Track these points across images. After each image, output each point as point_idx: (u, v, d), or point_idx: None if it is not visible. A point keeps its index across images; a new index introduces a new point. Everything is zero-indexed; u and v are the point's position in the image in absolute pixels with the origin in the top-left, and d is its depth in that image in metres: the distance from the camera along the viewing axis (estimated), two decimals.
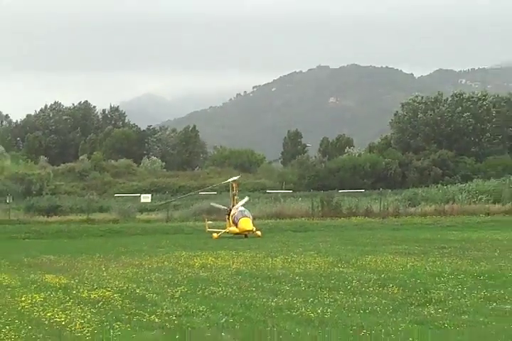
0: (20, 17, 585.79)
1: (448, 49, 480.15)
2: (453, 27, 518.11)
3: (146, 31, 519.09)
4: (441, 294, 17.13)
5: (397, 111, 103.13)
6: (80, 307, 16.76)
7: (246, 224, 41.64)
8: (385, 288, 18.30)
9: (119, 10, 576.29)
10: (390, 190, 69.13)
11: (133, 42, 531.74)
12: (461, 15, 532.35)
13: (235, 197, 44.74)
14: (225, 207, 45.09)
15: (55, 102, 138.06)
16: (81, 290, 19.64)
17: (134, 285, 20.23)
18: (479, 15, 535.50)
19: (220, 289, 19.00)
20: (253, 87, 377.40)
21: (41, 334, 13.69)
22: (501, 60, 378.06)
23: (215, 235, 41.88)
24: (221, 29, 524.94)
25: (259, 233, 41.81)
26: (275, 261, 26.24)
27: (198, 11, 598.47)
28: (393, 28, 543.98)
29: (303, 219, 56.13)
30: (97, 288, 19.96)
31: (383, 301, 16.43)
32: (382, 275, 20.85)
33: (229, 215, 43.22)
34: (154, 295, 18.49)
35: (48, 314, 15.79)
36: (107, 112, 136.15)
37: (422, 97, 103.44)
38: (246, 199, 45.80)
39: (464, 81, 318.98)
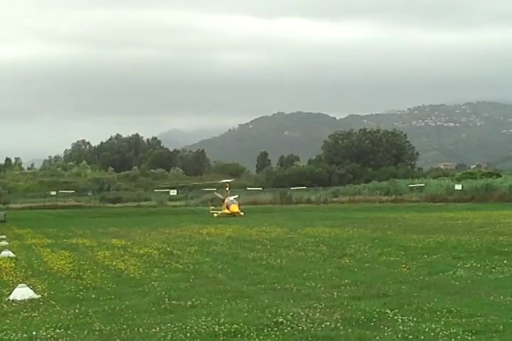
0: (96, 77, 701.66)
1: (356, 102, 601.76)
2: (359, 88, 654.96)
3: (175, 91, 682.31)
4: (352, 250, 19.49)
5: (325, 140, 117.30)
6: (133, 259, 19.13)
7: (234, 208, 47.67)
8: (318, 247, 20.87)
9: (162, 80, 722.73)
10: (321, 187, 76.67)
11: (167, 97, 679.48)
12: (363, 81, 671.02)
13: (227, 192, 50.68)
14: (222, 197, 50.99)
15: (117, 134, 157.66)
16: (134, 248, 22.67)
17: (166, 245, 23.09)
18: (374, 79, 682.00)
19: (218, 247, 22.06)
20: (239, 125, 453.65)
21: (110, 275, 15.89)
22: (389, 108, 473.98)
23: (215, 215, 47.46)
24: (214, 88, 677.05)
25: (242, 213, 47.31)
26: (252, 230, 30.03)
27: (202, 76, 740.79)
28: (323, 87, 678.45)
29: (268, 205, 63.40)
30: (143, 247, 22.89)
31: (317, 255, 18.70)
32: (316, 239, 23.80)
33: (223, 202, 49.25)
34: (178, 251, 21.06)
35: (114, 263, 18.25)
36: (150, 140, 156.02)
37: (341, 131, 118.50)
38: (236, 196, 51.35)
39: (366, 121, 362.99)
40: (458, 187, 64.49)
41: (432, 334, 8.85)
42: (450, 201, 61.26)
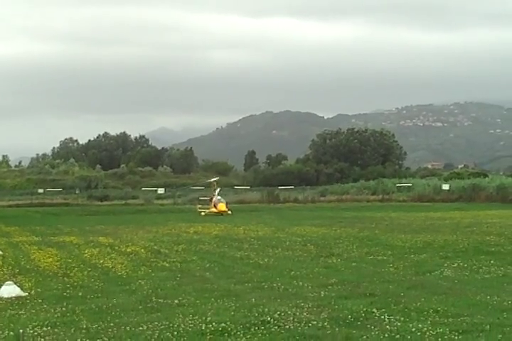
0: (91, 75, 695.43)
1: (344, 101, 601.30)
2: (347, 87, 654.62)
3: (164, 90, 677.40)
4: (340, 250, 19.59)
5: (313, 139, 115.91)
6: (120, 257, 19.15)
7: (222, 206, 46.78)
8: (306, 246, 20.91)
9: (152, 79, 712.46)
10: (309, 187, 75.11)
11: (156, 96, 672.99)
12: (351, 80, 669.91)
13: (216, 191, 49.68)
14: (208, 198, 50.34)
15: (105, 132, 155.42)
16: (121, 246, 22.48)
17: (153, 244, 23.11)
18: (362, 78, 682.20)
19: (205, 246, 22.02)
20: (227, 124, 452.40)
21: (97, 273, 15.96)
22: (377, 108, 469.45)
23: (203, 213, 46.66)
24: (203, 87, 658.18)
25: (229, 212, 46.65)
26: (239, 229, 29.58)
27: (191, 75, 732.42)
28: (311, 86, 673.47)
29: (256, 204, 61.97)
30: (130, 245, 22.72)
31: (304, 254, 18.78)
32: (304, 238, 23.74)
33: (211, 201, 48.52)
34: (165, 249, 21.09)
35: (101, 261, 18.32)
36: (137, 138, 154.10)
37: (329, 131, 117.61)
38: (219, 197, 50.51)
39: (354, 121, 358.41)
40: (445, 187, 64.56)
41: (419, 333, 8.89)
42: (437, 201, 61.24)
